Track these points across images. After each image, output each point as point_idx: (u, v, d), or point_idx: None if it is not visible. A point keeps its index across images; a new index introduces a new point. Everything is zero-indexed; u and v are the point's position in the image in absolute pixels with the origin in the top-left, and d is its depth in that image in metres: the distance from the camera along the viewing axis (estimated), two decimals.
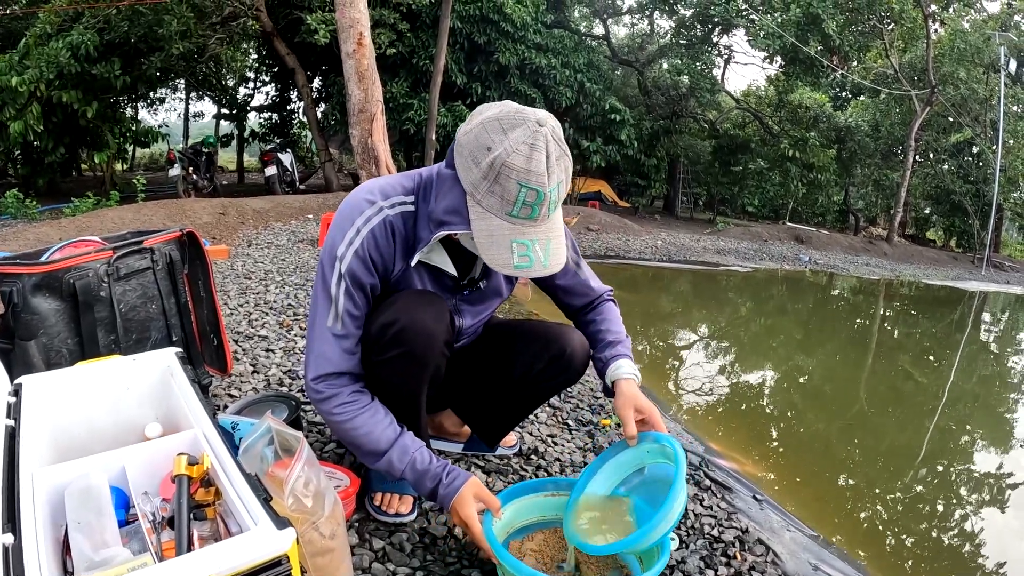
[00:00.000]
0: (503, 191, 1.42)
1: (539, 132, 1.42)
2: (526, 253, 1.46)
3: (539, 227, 1.48)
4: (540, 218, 1.46)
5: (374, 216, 1.62)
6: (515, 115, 1.44)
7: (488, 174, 1.42)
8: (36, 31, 11.28)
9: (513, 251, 1.45)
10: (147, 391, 1.68)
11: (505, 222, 1.45)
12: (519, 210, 1.43)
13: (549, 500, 1.88)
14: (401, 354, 1.65)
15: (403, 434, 1.70)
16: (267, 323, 3.93)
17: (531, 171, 1.40)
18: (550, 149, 1.42)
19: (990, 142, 18.15)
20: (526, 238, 1.46)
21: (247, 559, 0.99)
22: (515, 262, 1.46)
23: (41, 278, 2.04)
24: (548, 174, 1.42)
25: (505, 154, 1.39)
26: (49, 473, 1.30)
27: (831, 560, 2.30)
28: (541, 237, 1.48)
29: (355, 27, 8.32)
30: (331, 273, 1.62)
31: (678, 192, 22.93)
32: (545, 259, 1.48)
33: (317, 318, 1.65)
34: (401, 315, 1.63)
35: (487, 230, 1.46)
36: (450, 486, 1.67)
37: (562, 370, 2.01)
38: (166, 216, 7.56)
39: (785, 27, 17.34)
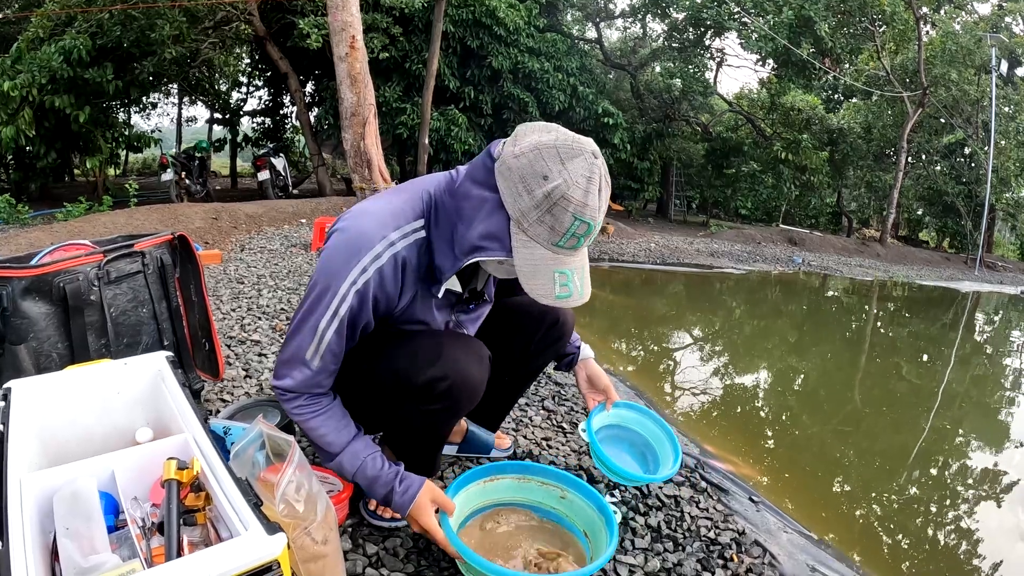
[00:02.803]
0: (555, 222, 1.39)
1: (595, 164, 1.41)
2: (567, 283, 1.45)
3: (577, 257, 1.47)
4: (580, 248, 1.47)
5: (384, 252, 1.53)
6: (572, 144, 1.41)
7: (542, 204, 1.38)
8: (28, 36, 11.23)
9: (555, 281, 1.44)
10: (138, 395, 1.67)
11: (549, 252, 1.43)
12: (566, 241, 1.42)
13: (491, 485, 1.92)
14: (446, 408, 1.68)
15: (356, 439, 1.68)
16: (260, 327, 3.91)
17: (587, 205, 1.39)
18: (601, 183, 1.42)
19: (982, 143, 18.20)
20: (566, 268, 1.45)
21: (237, 565, 0.98)
22: (557, 292, 1.44)
23: (31, 282, 2.01)
24: (598, 206, 1.41)
25: (565, 186, 1.37)
26: (37, 478, 1.29)
27: (828, 561, 2.29)
28: (578, 267, 1.48)
29: (347, 30, 8.32)
30: (325, 307, 1.54)
31: (671, 195, 22.92)
32: (582, 289, 1.48)
33: (296, 342, 1.59)
34: (451, 372, 1.63)
35: (531, 259, 1.43)
36: (405, 494, 1.66)
37: (559, 336, 2.07)
38: (159, 221, 7.54)
39: (777, 30, 17.37)
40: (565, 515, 1.87)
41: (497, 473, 1.92)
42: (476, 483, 1.89)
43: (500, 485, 1.93)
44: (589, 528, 1.77)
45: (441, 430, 1.80)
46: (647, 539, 2.07)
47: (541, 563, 1.74)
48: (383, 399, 1.74)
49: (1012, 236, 25.16)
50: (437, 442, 1.88)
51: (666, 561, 1.97)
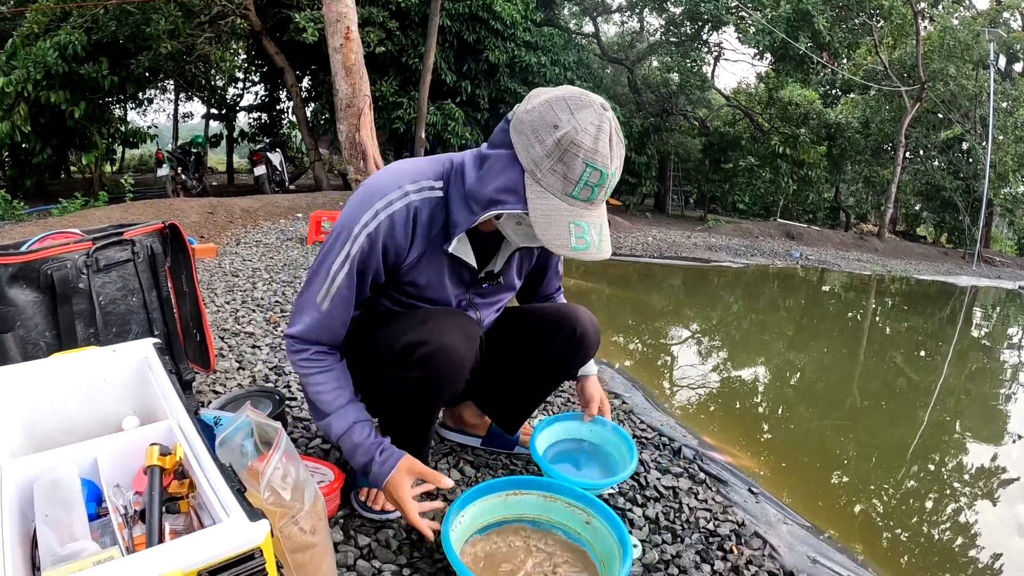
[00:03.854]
0: (567, 170, 1.40)
1: (604, 115, 1.42)
2: (583, 235, 1.44)
3: (594, 211, 1.47)
4: (597, 201, 1.46)
5: (397, 200, 1.59)
6: (581, 97, 1.43)
7: (553, 152, 1.39)
8: (23, 31, 11.19)
9: (571, 232, 1.43)
10: (124, 383, 1.63)
11: (563, 203, 1.43)
12: (580, 191, 1.42)
13: (509, 500, 1.83)
14: (423, 377, 1.64)
15: (350, 404, 1.69)
16: (254, 320, 3.88)
17: (598, 151, 1.39)
18: (612, 135, 1.42)
19: (980, 138, 18.17)
20: (583, 220, 1.44)
21: (217, 552, 0.94)
22: (573, 243, 1.43)
23: (18, 269, 1.98)
24: (611, 156, 1.41)
25: (574, 132, 1.38)
26: (18, 465, 1.25)
27: (829, 552, 2.26)
28: (595, 221, 1.47)
29: (342, 21, 8.29)
30: (338, 251, 1.59)
31: (669, 190, 22.89)
32: (599, 243, 1.47)
33: (310, 287, 1.64)
34: (432, 337, 1.61)
35: (545, 210, 1.43)
36: (384, 464, 1.65)
37: (575, 349, 1.99)
38: (154, 215, 7.49)
39: (775, 24, 17.36)
40: (587, 541, 1.78)
41: (521, 488, 1.83)
42: (497, 495, 1.81)
43: (524, 501, 1.84)
44: (607, 557, 1.70)
45: (422, 404, 1.73)
46: (645, 530, 2.04)
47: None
48: (372, 370, 1.74)
49: (1010, 231, 25.18)
50: (420, 420, 1.80)
51: (664, 553, 1.94)
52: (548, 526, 1.82)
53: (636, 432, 2.88)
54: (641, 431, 2.91)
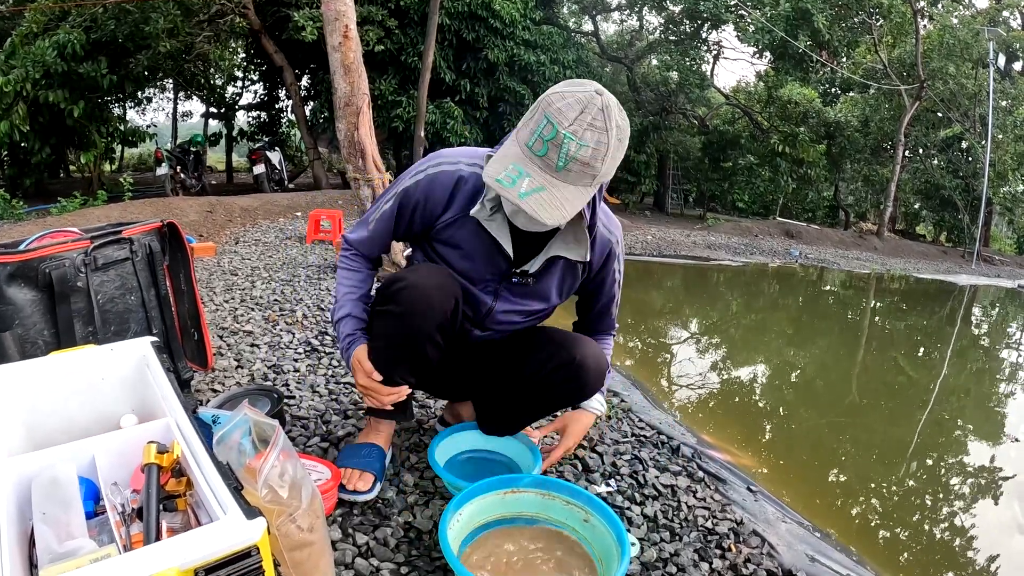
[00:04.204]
0: (533, 123, 1.49)
1: (589, 95, 1.48)
2: (512, 176, 1.49)
3: (544, 172, 1.49)
4: (548, 160, 1.48)
5: (447, 166, 1.80)
6: (586, 81, 1.52)
7: (533, 110, 1.51)
8: (22, 30, 11.18)
9: (503, 169, 1.50)
10: (122, 381, 1.63)
11: (520, 150, 1.51)
12: (534, 142, 1.48)
13: (507, 498, 1.82)
14: (394, 312, 1.76)
15: (353, 300, 1.96)
16: (253, 318, 3.88)
17: (560, 110, 1.45)
18: (589, 110, 1.46)
19: (979, 137, 18.17)
20: (525, 168, 1.50)
21: (213, 550, 0.94)
22: (499, 176, 1.50)
23: (16, 267, 1.98)
24: (573, 122, 1.45)
25: (551, 94, 1.49)
26: (16, 463, 1.25)
27: (828, 551, 2.26)
28: (538, 178, 1.49)
29: (341, 19, 8.23)
30: (392, 188, 1.89)
31: (668, 188, 22.88)
32: (525, 194, 1.48)
33: (372, 210, 1.95)
34: (409, 276, 1.77)
35: (504, 152, 1.55)
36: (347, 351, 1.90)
37: (569, 377, 1.94)
38: (153, 214, 7.49)
39: (774, 22, 17.35)
40: (585, 539, 1.78)
41: (520, 486, 1.83)
42: (495, 493, 1.80)
43: (522, 499, 1.84)
44: (605, 555, 1.70)
45: (396, 341, 1.80)
46: (643, 529, 2.04)
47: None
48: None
49: (1009, 230, 25.17)
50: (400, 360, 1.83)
51: (663, 551, 1.93)
52: (546, 524, 1.82)
53: (635, 430, 2.88)
54: (640, 429, 2.91)
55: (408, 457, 2.23)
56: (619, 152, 1.54)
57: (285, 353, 3.27)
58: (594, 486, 2.25)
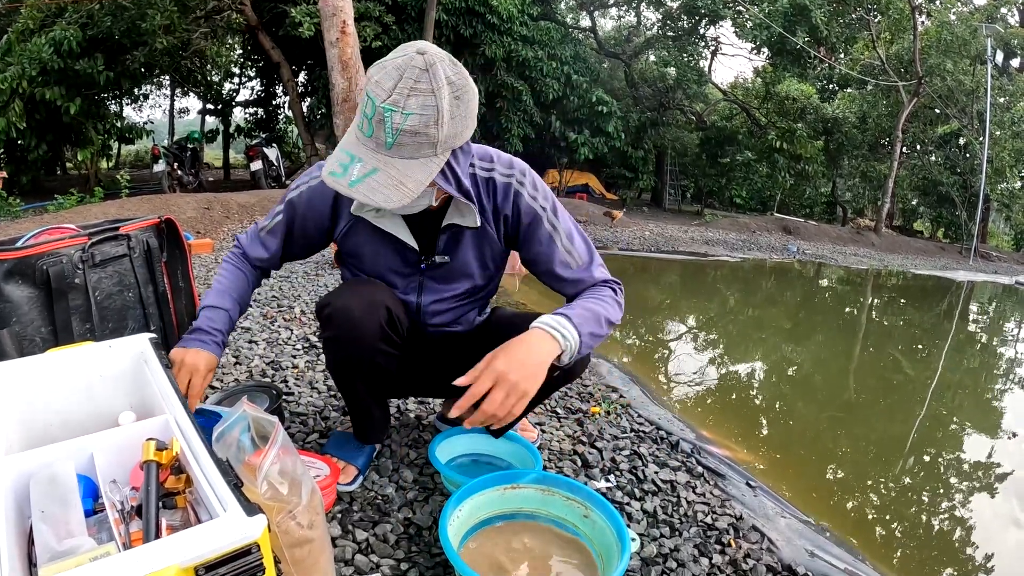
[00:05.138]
0: (363, 104, 1.41)
1: (409, 57, 1.38)
2: (345, 165, 1.40)
3: (374, 152, 1.40)
4: (375, 140, 1.39)
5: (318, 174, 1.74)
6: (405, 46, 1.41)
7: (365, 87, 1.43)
8: (18, 27, 11.13)
9: (337, 160, 1.42)
10: (121, 378, 1.62)
11: (355, 136, 1.43)
12: (362, 122, 1.40)
13: (507, 494, 1.82)
14: (330, 337, 1.75)
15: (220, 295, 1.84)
16: (250, 315, 3.87)
17: (377, 83, 1.36)
18: (408, 74, 1.36)
19: (977, 134, 18.19)
20: (356, 153, 1.41)
21: (213, 547, 0.93)
22: (331, 169, 1.41)
23: (13, 264, 1.96)
24: (392, 92, 1.35)
25: (372, 67, 1.40)
26: (14, 461, 1.24)
27: (827, 546, 2.26)
28: (368, 161, 1.40)
29: (338, 15, 8.25)
30: (282, 200, 1.86)
31: (666, 184, 22.90)
32: (355, 181, 1.38)
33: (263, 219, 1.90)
34: (333, 299, 1.72)
35: (342, 142, 1.46)
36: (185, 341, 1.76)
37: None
38: (150, 211, 7.47)
39: (772, 18, 17.34)
40: (585, 534, 1.77)
41: (519, 482, 1.82)
42: (496, 489, 1.79)
43: (522, 494, 1.83)
44: (605, 551, 1.69)
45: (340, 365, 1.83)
46: (643, 524, 2.04)
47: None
48: None
49: (1006, 227, 25.22)
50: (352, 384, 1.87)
51: (663, 547, 1.93)
52: (546, 520, 1.82)
53: (634, 426, 2.87)
54: (639, 425, 2.91)
55: (408, 453, 2.23)
56: (461, 109, 1.42)
57: (283, 349, 3.27)
58: (594, 482, 2.25)
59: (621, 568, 1.51)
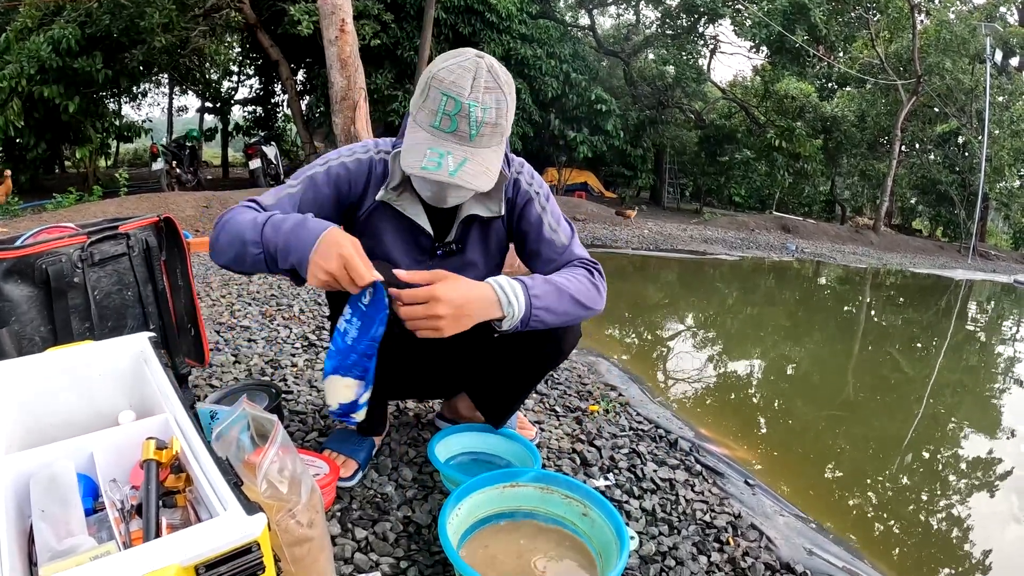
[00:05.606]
0: (431, 103, 1.51)
1: (473, 60, 1.53)
2: (436, 159, 1.51)
3: (460, 145, 1.53)
4: (460, 134, 1.52)
5: (360, 153, 1.77)
6: (461, 49, 1.57)
7: (423, 91, 1.53)
8: (17, 26, 11.14)
9: (425, 155, 1.51)
10: (120, 377, 1.62)
11: (428, 133, 1.53)
12: (440, 120, 1.51)
13: (506, 492, 1.82)
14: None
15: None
16: (250, 313, 3.87)
17: (454, 83, 1.49)
18: (479, 74, 1.51)
19: (976, 133, 18.19)
20: (442, 148, 1.52)
21: (214, 546, 0.94)
22: (423, 163, 1.51)
23: (12, 263, 1.97)
24: (470, 90, 1.50)
25: (437, 69, 1.52)
26: (14, 460, 1.25)
27: (826, 544, 2.27)
28: (457, 153, 1.52)
29: (337, 13, 8.25)
30: (295, 177, 1.75)
31: (664, 182, 22.91)
32: (454, 170, 1.51)
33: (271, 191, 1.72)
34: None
35: (413, 140, 1.55)
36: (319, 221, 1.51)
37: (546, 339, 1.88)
38: (149, 209, 7.48)
39: (771, 16, 17.34)
40: (584, 533, 1.77)
41: (519, 480, 1.82)
42: (495, 487, 1.79)
43: (521, 493, 1.83)
44: (604, 549, 1.69)
45: None
46: (642, 522, 2.04)
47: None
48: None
49: (1005, 225, 25.22)
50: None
51: (661, 544, 1.94)
52: (545, 518, 1.82)
53: (633, 424, 2.88)
54: (637, 423, 2.91)
55: (407, 452, 2.23)
56: (514, 104, 1.61)
57: (283, 348, 3.27)
58: (592, 480, 2.25)
59: (620, 566, 1.51)
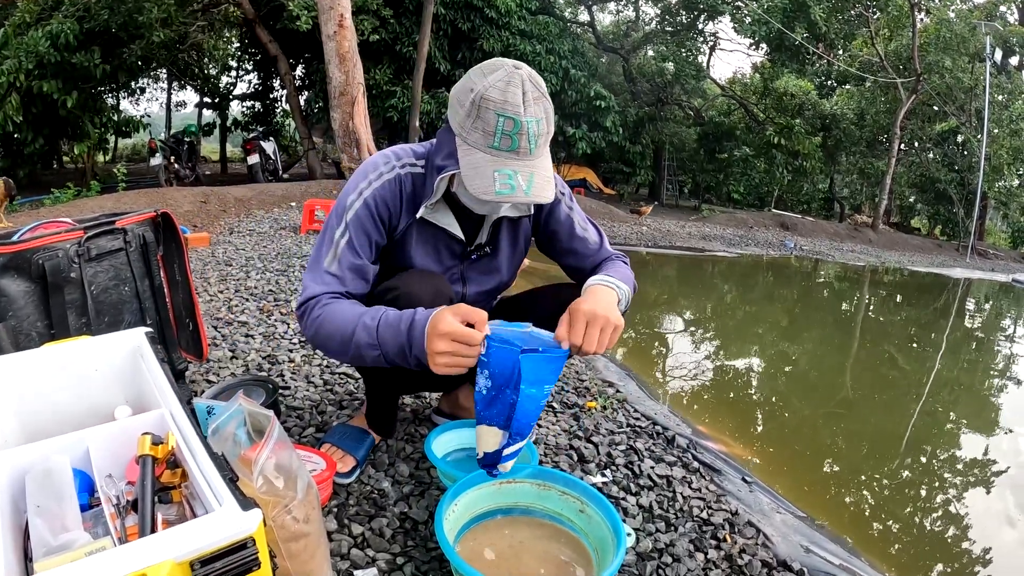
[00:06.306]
0: (484, 124, 1.52)
1: (515, 73, 1.54)
2: (508, 181, 1.52)
3: (522, 161, 1.55)
4: (521, 151, 1.54)
5: (386, 172, 1.75)
6: (495, 62, 1.58)
7: (471, 111, 1.53)
8: (15, 20, 11.12)
9: (495, 179, 1.52)
10: (116, 372, 1.62)
11: (488, 155, 1.54)
12: (500, 141, 1.52)
13: (503, 488, 1.82)
14: None
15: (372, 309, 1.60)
16: (247, 309, 3.87)
17: (507, 102, 1.50)
18: (526, 87, 1.53)
19: (975, 131, 18.17)
20: (508, 168, 1.53)
21: (209, 541, 0.93)
22: (497, 188, 1.51)
23: (9, 259, 1.96)
24: (524, 105, 1.51)
25: (484, 90, 1.52)
26: (10, 456, 1.24)
27: (822, 542, 2.27)
28: (524, 170, 1.54)
29: (336, 8, 8.25)
30: (338, 222, 1.72)
31: (663, 179, 22.89)
32: (528, 189, 1.53)
33: (315, 260, 1.73)
34: (402, 284, 1.73)
35: (472, 163, 1.55)
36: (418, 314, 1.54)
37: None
38: (147, 205, 7.46)
39: (771, 14, 17.32)
40: (581, 529, 1.77)
41: (515, 476, 1.81)
42: (491, 483, 1.79)
43: (517, 489, 1.83)
44: (601, 546, 1.69)
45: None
46: (639, 519, 2.04)
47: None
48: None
49: (1004, 224, 25.21)
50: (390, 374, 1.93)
51: (658, 541, 1.94)
52: (542, 515, 1.82)
53: (630, 421, 2.88)
54: (635, 420, 2.91)
55: (404, 448, 2.23)
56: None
57: (280, 344, 3.27)
58: (589, 476, 2.25)
59: (616, 563, 1.51)
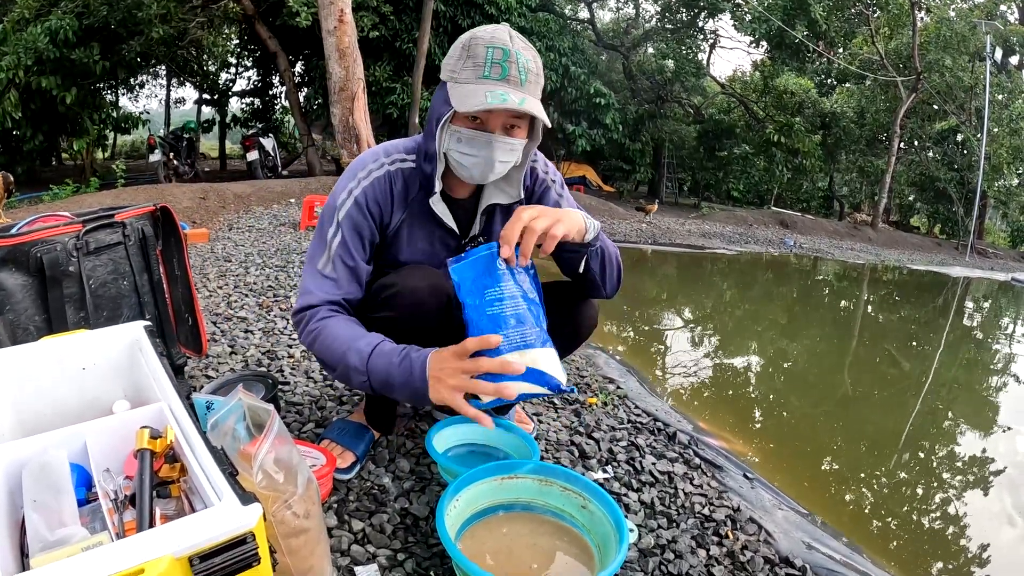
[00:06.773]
0: (474, 59, 1.55)
1: (502, 26, 1.61)
2: (500, 96, 1.52)
3: (512, 87, 1.56)
4: (511, 79, 1.55)
5: (376, 170, 1.75)
6: (484, 25, 1.67)
7: (461, 54, 1.58)
8: (14, 16, 11.09)
9: (486, 95, 1.52)
10: (114, 366, 1.60)
11: (479, 84, 1.55)
12: (490, 69, 1.55)
13: (504, 484, 1.80)
14: (388, 317, 1.70)
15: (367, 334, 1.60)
16: (247, 304, 3.85)
17: (495, 36, 1.56)
18: (512, 33, 1.59)
19: (975, 130, 18.18)
20: (499, 90, 1.54)
21: (208, 536, 0.92)
22: (488, 100, 1.51)
23: (7, 252, 1.95)
24: (511, 40, 1.56)
25: (471, 34, 1.59)
26: (7, 450, 1.23)
27: (824, 538, 2.26)
28: (515, 93, 1.55)
29: (336, 4, 8.24)
30: (329, 221, 1.73)
31: (663, 177, 22.89)
32: (521, 103, 1.52)
33: (310, 261, 1.74)
34: (399, 280, 1.71)
35: (463, 92, 1.55)
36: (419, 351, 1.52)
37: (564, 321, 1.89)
38: (146, 201, 7.43)
39: (771, 11, 17.32)
40: (583, 525, 1.75)
41: (517, 472, 1.80)
42: (493, 479, 1.77)
43: (519, 485, 1.80)
44: (603, 542, 1.67)
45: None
46: (641, 515, 2.03)
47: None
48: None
49: (1003, 223, 25.22)
50: None
51: (660, 538, 1.93)
52: (544, 510, 1.80)
53: (631, 417, 2.87)
54: (636, 416, 2.90)
55: (404, 443, 2.21)
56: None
57: (279, 339, 3.25)
58: (591, 472, 2.24)
59: (619, 559, 1.49)
